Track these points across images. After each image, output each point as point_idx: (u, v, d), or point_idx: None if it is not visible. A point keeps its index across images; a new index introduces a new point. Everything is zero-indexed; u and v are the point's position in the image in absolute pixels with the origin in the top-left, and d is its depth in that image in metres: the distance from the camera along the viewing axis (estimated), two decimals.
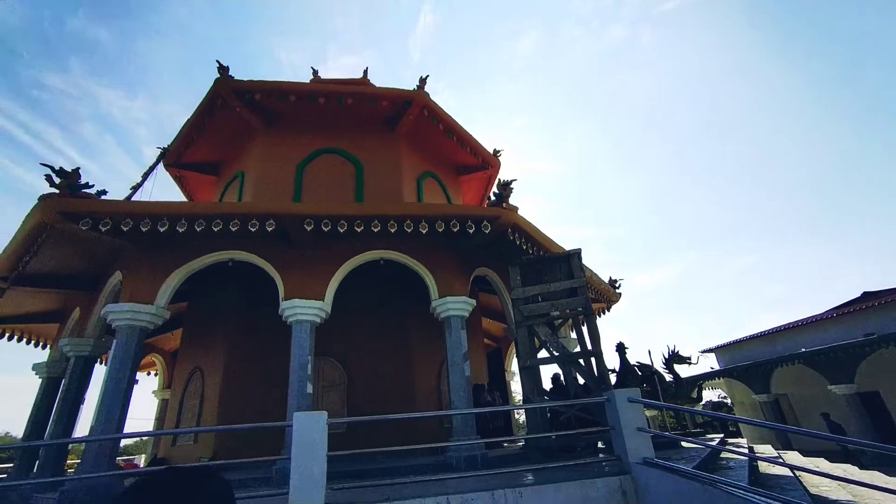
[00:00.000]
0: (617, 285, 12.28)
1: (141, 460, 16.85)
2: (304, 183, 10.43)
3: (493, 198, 7.93)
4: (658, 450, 4.67)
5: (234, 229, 6.49)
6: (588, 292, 7.45)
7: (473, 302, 8.07)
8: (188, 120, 11.35)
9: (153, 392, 14.48)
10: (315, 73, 13.79)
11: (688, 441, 5.44)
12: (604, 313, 12.80)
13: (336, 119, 11.19)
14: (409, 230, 7.16)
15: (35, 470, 7.98)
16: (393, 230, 7.08)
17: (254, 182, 10.39)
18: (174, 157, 12.17)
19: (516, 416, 13.48)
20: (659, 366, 9.40)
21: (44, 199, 6.19)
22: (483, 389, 10.16)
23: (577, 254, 7.55)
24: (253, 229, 6.52)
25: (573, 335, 11.42)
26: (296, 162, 10.61)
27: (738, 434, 17.38)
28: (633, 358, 9.54)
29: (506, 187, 7.77)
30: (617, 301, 12.47)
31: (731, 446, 7.84)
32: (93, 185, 6.82)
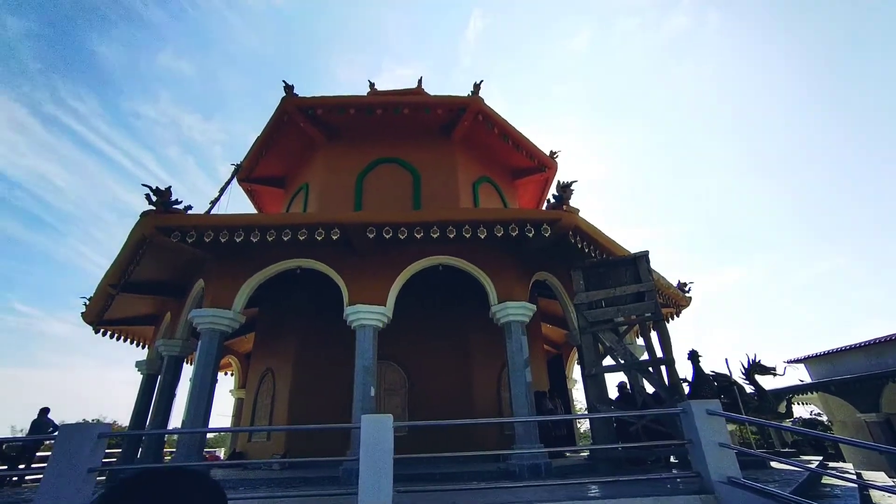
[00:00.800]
0: (687, 289, 11.47)
1: (221, 453, 18.21)
2: (364, 192, 10.84)
3: (552, 200, 7.74)
4: (741, 469, 4.26)
5: (301, 238, 6.88)
6: (657, 297, 7.02)
7: (534, 307, 7.91)
8: (258, 137, 12.25)
9: (230, 391, 15.67)
10: (372, 86, 14.32)
11: (780, 461, 4.91)
12: (672, 319, 11.99)
13: (393, 129, 11.54)
14: (467, 235, 7.17)
15: (139, 455, 8.89)
16: (451, 236, 7.13)
17: (317, 193, 10.96)
18: (246, 173, 13.16)
19: (578, 426, 12.98)
20: (737, 376, 8.61)
21: (144, 215, 6.94)
22: (544, 397, 9.90)
23: (644, 256, 7.16)
24: (319, 238, 6.87)
25: (639, 342, 10.86)
26: (356, 172, 11.06)
27: (838, 457, 15.45)
28: (706, 367, 8.84)
29: (565, 189, 7.56)
30: (687, 305, 11.64)
31: (834, 470, 6.98)
32: (181, 202, 7.55)
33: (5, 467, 9.74)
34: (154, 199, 7.29)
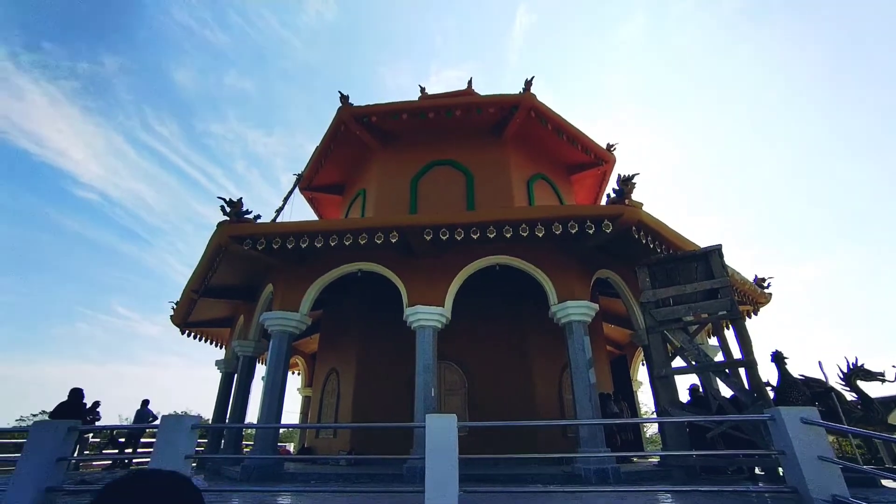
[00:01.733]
0: (765, 284, 10.53)
1: (291, 447, 19.31)
2: (419, 195, 11.03)
3: (612, 195, 7.43)
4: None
5: (361, 242, 7.13)
6: (732, 293, 6.50)
7: (596, 306, 7.64)
8: (317, 147, 12.86)
9: (297, 389, 16.59)
10: (423, 90, 14.54)
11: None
12: (750, 317, 11.05)
13: (445, 131, 11.65)
14: (524, 234, 7.07)
15: (222, 447, 9.66)
16: (508, 235, 7.06)
17: (374, 198, 11.31)
18: (307, 182, 13.87)
19: (644, 430, 12.32)
20: (835, 381, 7.75)
21: (220, 225, 7.53)
22: (609, 399, 9.52)
23: (716, 251, 6.67)
24: (378, 241, 7.08)
25: (712, 342, 10.12)
26: (410, 176, 11.28)
27: None
28: (794, 370, 8.00)
29: (627, 182, 7.22)
30: (766, 303, 10.69)
31: None
32: (250, 212, 8.10)
33: (116, 451, 11.08)
34: (228, 210, 7.89)
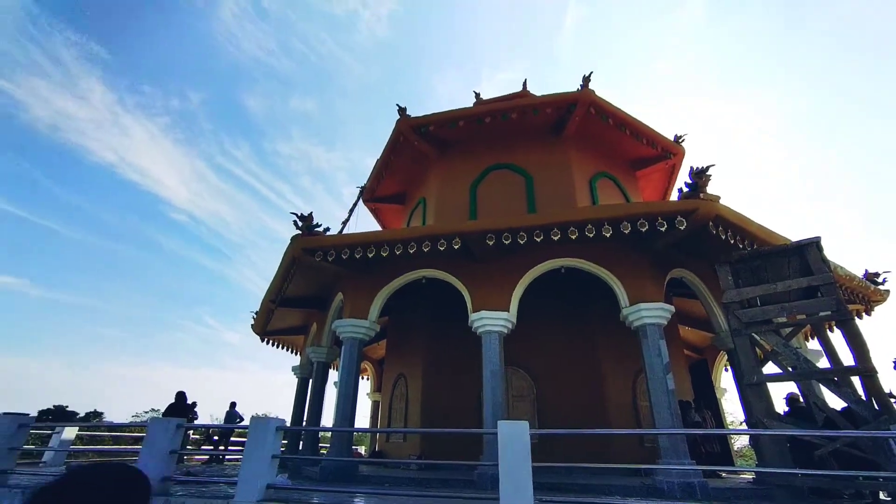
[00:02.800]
0: (880, 280, 9.26)
1: (362, 450, 20.04)
2: (478, 200, 11.07)
3: (684, 189, 6.96)
4: None
5: (425, 250, 7.28)
6: (837, 291, 5.78)
7: (671, 308, 7.18)
8: (378, 159, 13.38)
9: (367, 394, 17.21)
10: (477, 96, 14.62)
11: None
12: (860, 317, 9.76)
13: (502, 135, 11.62)
14: (590, 235, 6.84)
15: (300, 448, 10.27)
16: (573, 237, 6.87)
17: (434, 206, 11.52)
18: (369, 193, 14.46)
19: (732, 442, 11.22)
20: None
21: (294, 239, 8.06)
22: (689, 407, 8.86)
23: (814, 243, 6.00)
24: (441, 248, 7.19)
25: (811, 345, 9.07)
26: (469, 182, 11.36)
27: None
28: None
29: (700, 175, 6.73)
30: (883, 300, 9.38)
31: None
32: (320, 225, 8.57)
33: (212, 447, 12.22)
34: (300, 224, 8.42)
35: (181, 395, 10.01)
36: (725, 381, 12.57)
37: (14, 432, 6.03)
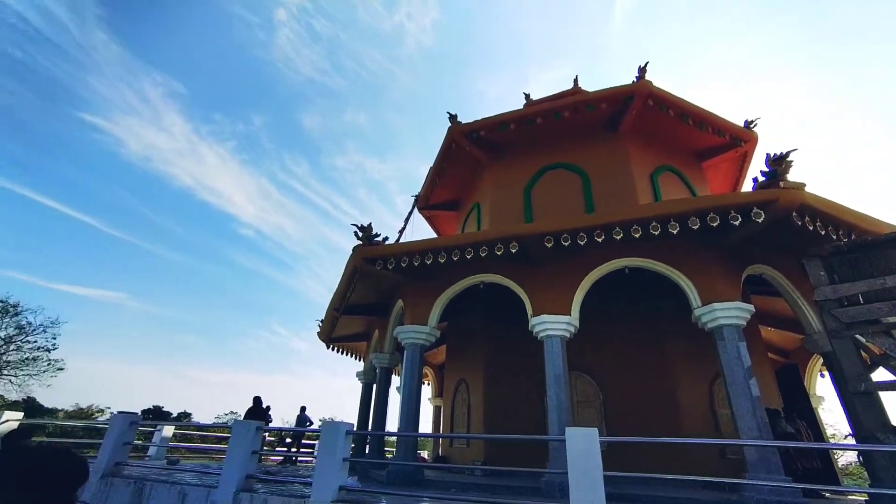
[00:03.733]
0: None
1: (425, 454, 20.25)
2: (533, 202, 10.90)
3: (760, 178, 6.40)
4: None
5: (482, 255, 7.28)
6: None
7: (750, 307, 6.61)
8: (431, 167, 13.60)
9: (428, 399, 17.42)
10: (527, 97, 14.46)
11: None
12: None
13: (556, 135, 11.38)
14: (655, 233, 6.50)
15: (367, 452, 10.59)
16: (636, 235, 6.56)
17: (488, 210, 11.50)
18: (424, 201, 14.72)
19: (835, 458, 9.94)
20: None
21: (355, 249, 8.39)
22: (779, 416, 8.06)
23: None
24: (499, 252, 7.15)
25: None
26: (523, 184, 11.22)
27: None
28: None
29: (780, 161, 6.16)
30: None
31: None
32: (378, 235, 8.85)
33: (285, 448, 12.96)
34: (360, 235, 8.76)
35: (258, 400, 10.73)
36: (822, 387, 11.34)
37: (126, 429, 6.80)
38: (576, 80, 13.95)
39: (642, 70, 10.51)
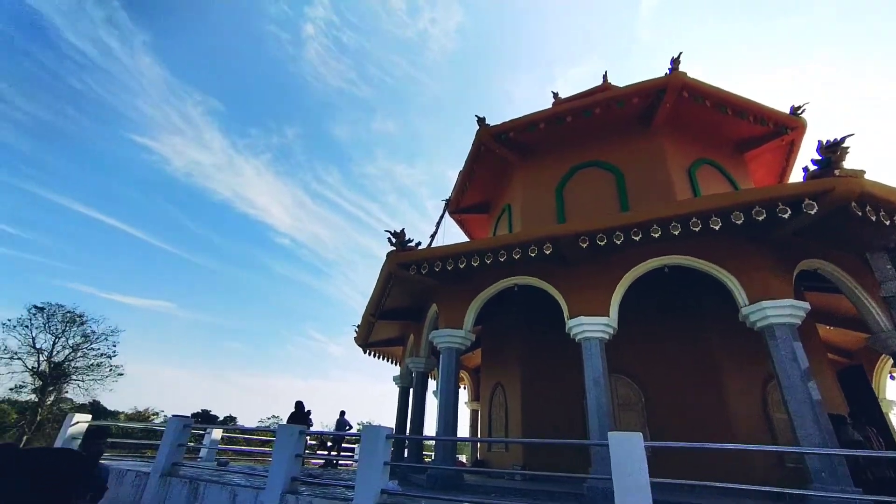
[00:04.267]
0: None
1: (463, 458, 20.22)
2: (565, 202, 10.72)
3: (811, 166, 6.02)
4: None
5: (516, 257, 7.22)
6: None
7: (806, 305, 6.21)
8: (461, 171, 13.64)
9: (465, 403, 17.38)
10: (555, 95, 14.29)
11: None
12: None
13: (586, 133, 11.17)
14: (695, 229, 6.24)
15: (405, 455, 10.69)
16: (676, 233, 6.32)
17: (520, 212, 11.40)
18: (454, 205, 14.77)
19: None
20: None
21: (389, 255, 8.52)
22: (844, 422, 7.50)
23: None
24: (532, 254, 7.07)
25: None
26: (554, 184, 11.07)
27: None
28: None
29: (834, 148, 5.77)
30: None
31: None
32: (411, 240, 8.95)
33: (326, 452, 13.27)
34: (393, 241, 8.89)
35: (300, 405, 11.05)
36: (893, 390, 10.49)
37: (181, 432, 7.19)
38: (605, 76, 13.66)
39: (675, 61, 10.16)
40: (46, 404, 29.51)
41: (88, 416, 8.81)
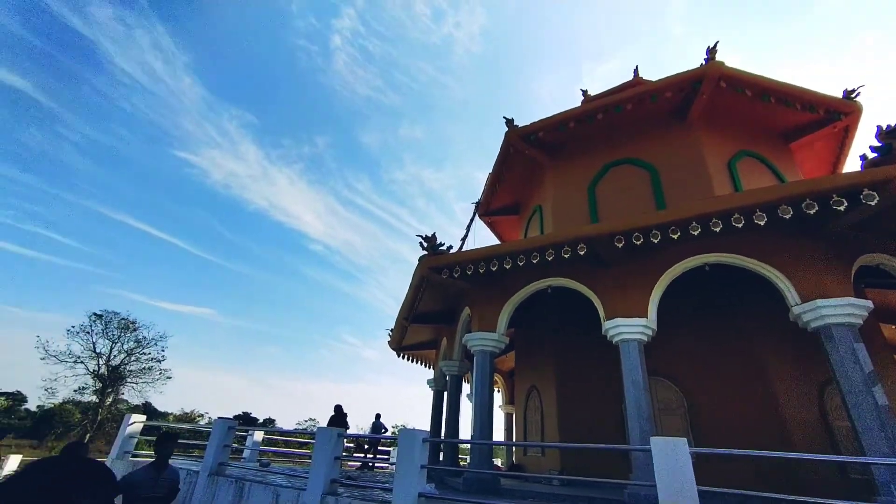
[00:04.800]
0: None
1: (499, 462, 20.04)
2: (598, 201, 10.47)
3: (869, 154, 5.62)
4: None
5: (549, 259, 7.11)
6: None
7: (868, 304, 5.80)
8: (490, 173, 13.58)
9: (499, 406, 17.24)
10: (584, 93, 14.00)
11: None
12: None
13: (618, 129, 10.89)
14: (738, 226, 5.95)
15: (441, 459, 10.70)
16: (717, 230, 6.04)
17: (551, 212, 11.22)
18: (484, 207, 14.72)
19: None
20: None
21: (421, 259, 8.59)
22: None
23: None
24: (566, 255, 6.94)
25: None
26: (586, 184, 10.84)
27: None
28: None
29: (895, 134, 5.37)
30: None
31: None
32: (443, 244, 8.98)
33: (362, 454, 13.48)
34: (425, 245, 8.94)
35: (339, 408, 11.28)
36: None
37: (226, 433, 7.50)
38: (636, 71, 13.26)
39: (711, 51, 9.72)
40: (106, 405, 31.62)
41: (143, 417, 9.33)
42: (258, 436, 11.40)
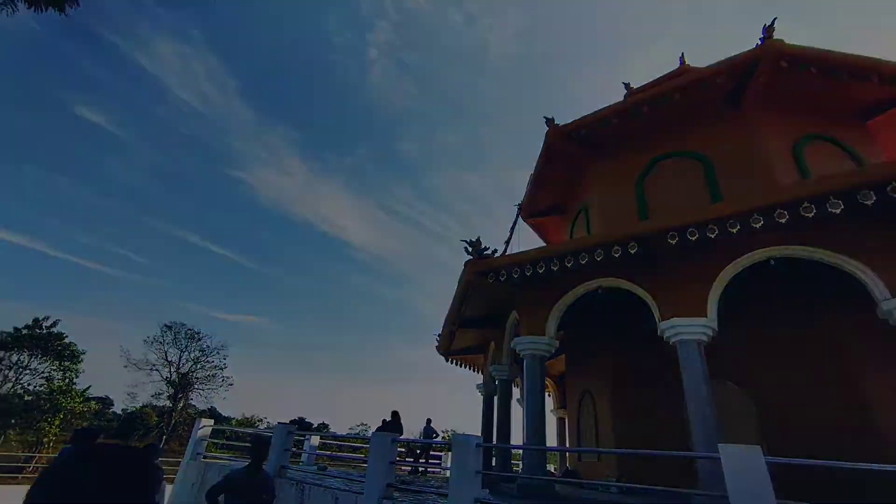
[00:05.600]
0: None
1: (552, 468, 19.56)
2: (647, 197, 10.05)
3: None
4: None
5: (598, 259, 6.90)
6: None
7: None
8: (532, 174, 13.39)
9: (550, 411, 16.85)
10: (627, 86, 13.50)
11: None
12: None
13: (665, 122, 10.41)
14: (808, 215, 5.50)
15: (493, 464, 10.61)
16: (782, 221, 5.63)
17: (597, 211, 10.90)
18: (527, 210, 14.52)
19: None
20: None
21: (467, 264, 8.60)
22: None
23: None
24: (616, 255, 6.72)
25: None
26: (633, 179, 10.43)
27: None
28: None
29: None
30: None
31: None
32: (487, 248, 8.95)
33: (413, 459, 13.61)
34: (470, 250, 8.95)
35: (396, 414, 11.50)
36: None
37: (286, 437, 7.87)
38: (682, 58, 12.64)
39: (768, 29, 9.06)
40: (178, 409, 34.21)
41: (212, 421, 9.98)
42: (314, 440, 11.84)
